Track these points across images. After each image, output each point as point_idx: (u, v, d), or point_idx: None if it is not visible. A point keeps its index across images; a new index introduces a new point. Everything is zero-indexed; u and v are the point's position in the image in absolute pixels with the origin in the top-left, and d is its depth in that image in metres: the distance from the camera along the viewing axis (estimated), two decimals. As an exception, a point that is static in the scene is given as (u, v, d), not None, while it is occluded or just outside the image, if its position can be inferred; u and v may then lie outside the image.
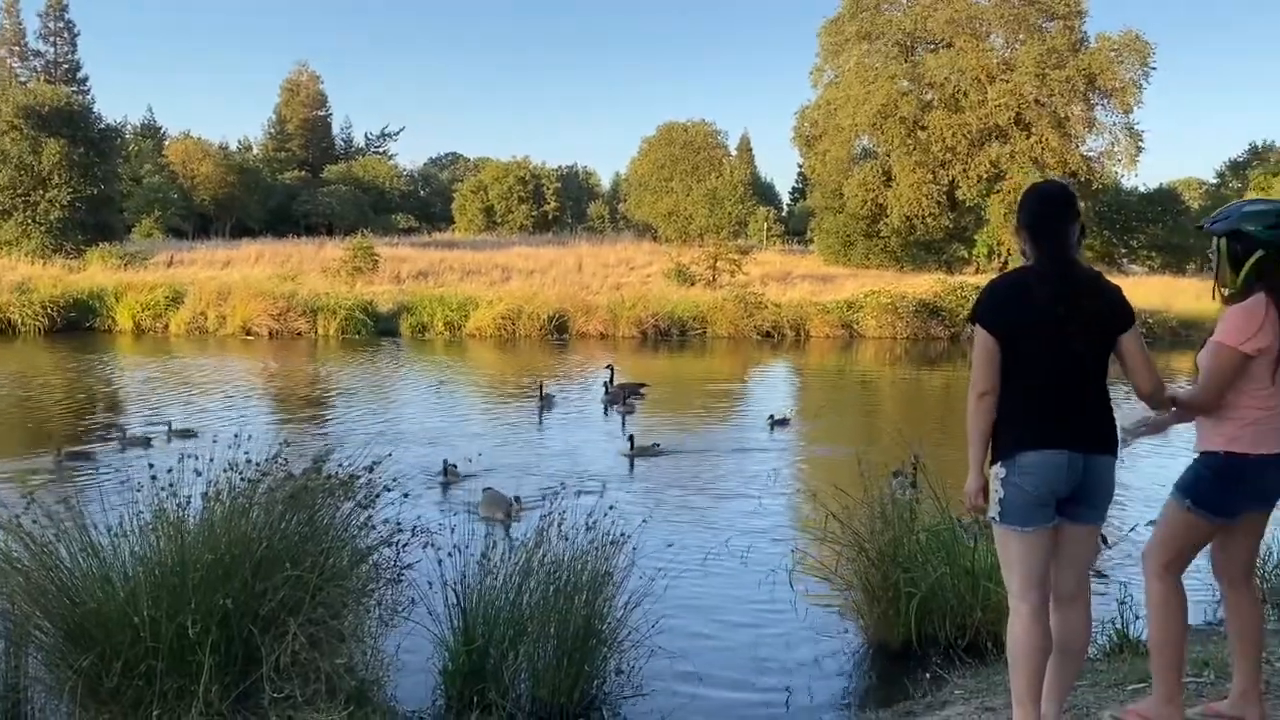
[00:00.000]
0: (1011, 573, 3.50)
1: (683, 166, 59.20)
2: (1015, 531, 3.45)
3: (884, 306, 29.13)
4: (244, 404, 15.39)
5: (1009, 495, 3.44)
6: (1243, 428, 3.47)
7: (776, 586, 6.74)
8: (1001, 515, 3.47)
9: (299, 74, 75.58)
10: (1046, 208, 3.59)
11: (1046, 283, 3.44)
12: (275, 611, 4.22)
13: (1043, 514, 3.44)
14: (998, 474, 3.47)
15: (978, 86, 43.51)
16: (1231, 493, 3.49)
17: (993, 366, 3.44)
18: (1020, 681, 3.44)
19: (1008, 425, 3.45)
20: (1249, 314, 3.47)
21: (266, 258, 39.35)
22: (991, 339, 3.44)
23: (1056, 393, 3.45)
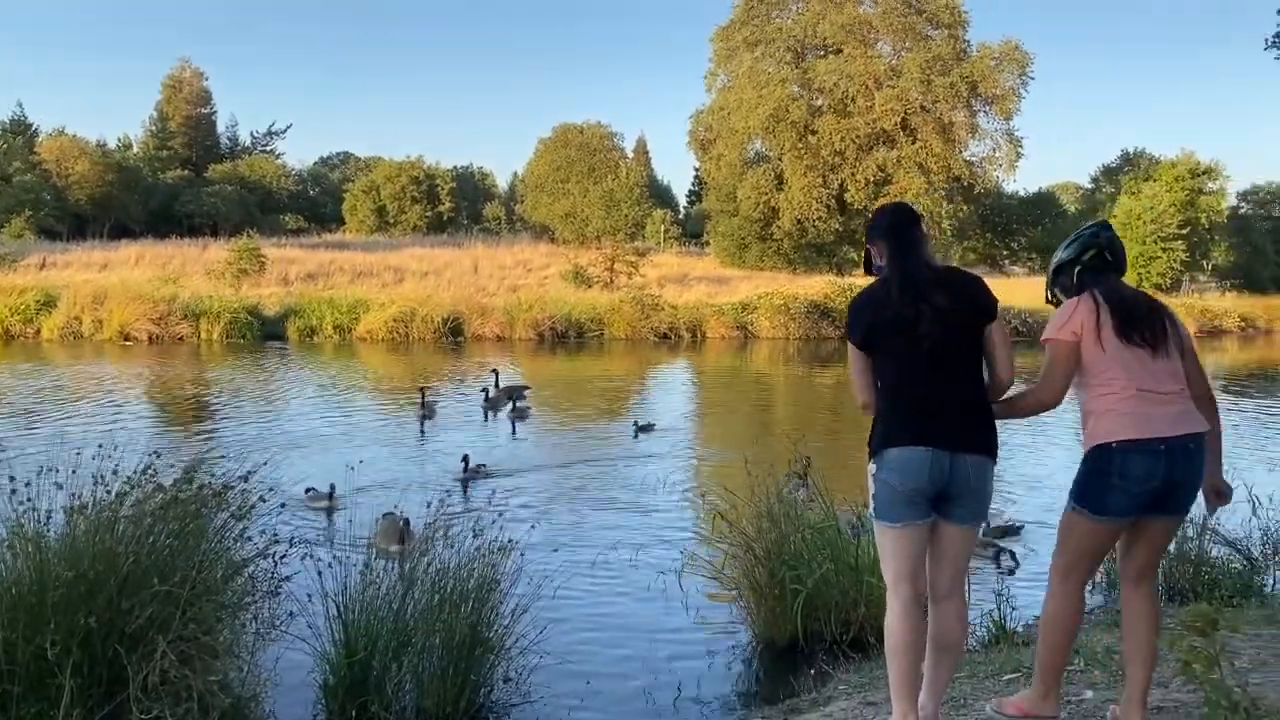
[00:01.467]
0: (885, 565, 3.61)
1: (579, 168, 59.15)
2: (886, 526, 3.56)
3: (777, 308, 29.64)
4: (117, 412, 14.75)
5: (879, 491, 3.57)
6: (1098, 420, 3.53)
7: (666, 588, 6.76)
8: (875, 510, 3.59)
9: (182, 70, 72.99)
10: (892, 220, 3.81)
11: (894, 285, 3.61)
12: (143, 629, 4.03)
13: (913, 510, 3.51)
14: (870, 470, 3.61)
15: (865, 92, 44.58)
16: (1104, 488, 3.47)
17: (865, 377, 3.64)
18: (895, 674, 3.51)
19: (877, 425, 3.61)
20: (1062, 309, 3.67)
21: (147, 260, 37.89)
22: (857, 351, 3.64)
23: (915, 391, 3.55)
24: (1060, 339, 3.58)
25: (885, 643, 3.57)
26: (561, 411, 16.16)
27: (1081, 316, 3.57)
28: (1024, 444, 13.37)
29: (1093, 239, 3.76)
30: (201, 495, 4.58)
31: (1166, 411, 3.46)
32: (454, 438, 12.98)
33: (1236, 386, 21.33)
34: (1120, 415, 3.46)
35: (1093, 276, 3.70)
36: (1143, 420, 3.44)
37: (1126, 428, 3.45)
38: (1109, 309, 3.55)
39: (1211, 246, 48.01)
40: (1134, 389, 3.47)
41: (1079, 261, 3.74)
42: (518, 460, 11.65)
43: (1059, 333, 3.59)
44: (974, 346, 3.61)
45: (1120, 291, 3.65)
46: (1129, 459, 3.42)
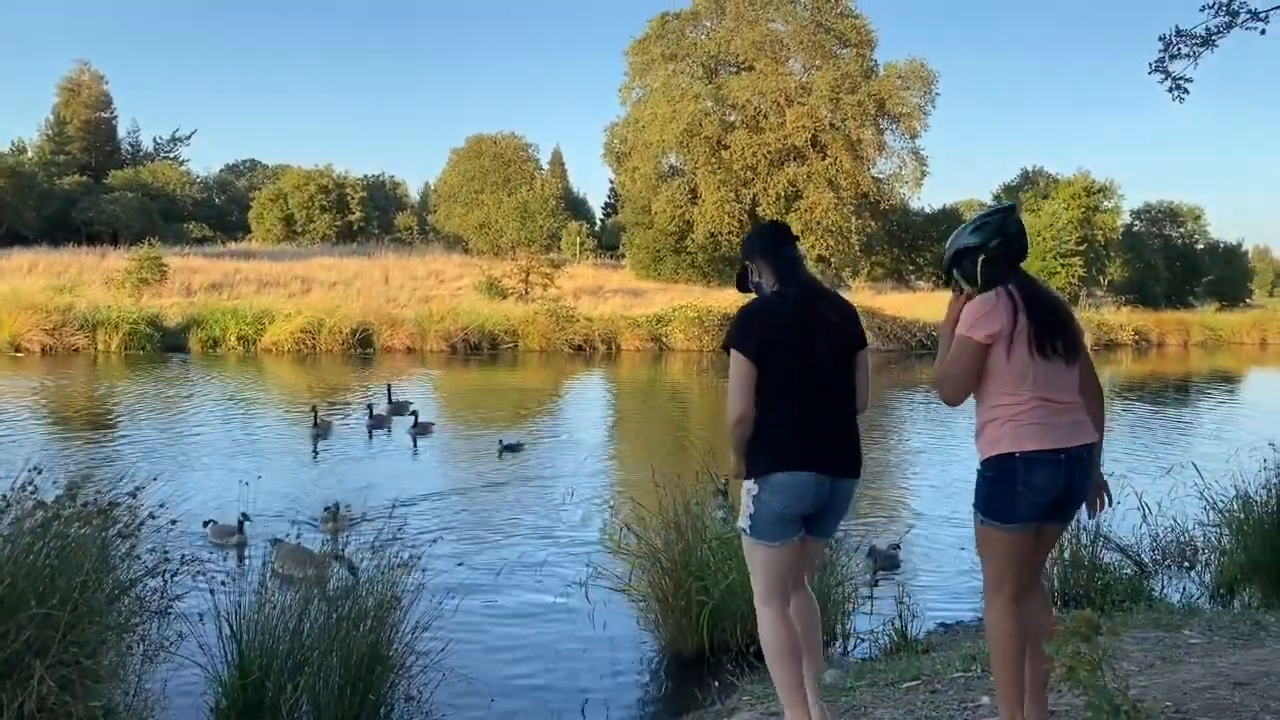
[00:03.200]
0: (757, 579, 3.68)
1: (493, 178, 58.75)
2: (764, 545, 3.61)
3: (691, 320, 29.87)
4: (4, 426, 14.12)
5: (760, 512, 3.58)
6: (1001, 428, 3.45)
7: (573, 601, 6.73)
8: (751, 529, 3.61)
9: (80, 73, 70.40)
10: (777, 237, 3.85)
11: (793, 300, 3.64)
12: (19, 654, 3.83)
13: (790, 530, 3.61)
14: (750, 490, 3.60)
15: (777, 109, 45.29)
16: (1008, 496, 3.43)
17: (749, 392, 3.54)
18: (786, 678, 3.61)
19: (763, 445, 3.57)
20: (979, 303, 3.49)
21: (41, 268, 36.38)
22: (747, 362, 3.54)
23: (804, 412, 3.58)
24: (974, 338, 3.43)
25: (767, 652, 3.67)
26: (468, 425, 15.94)
27: (1000, 319, 3.41)
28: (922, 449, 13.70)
29: (1002, 226, 3.58)
30: (85, 512, 4.39)
31: (1065, 421, 3.45)
32: (350, 456, 12.65)
33: (1130, 396, 22.17)
34: (1022, 425, 3.41)
35: (999, 269, 3.54)
36: (1044, 431, 3.41)
37: (1029, 438, 3.40)
38: (1028, 314, 3.42)
39: (1107, 262, 49.88)
40: (1037, 399, 3.42)
41: (984, 249, 3.55)
42: (418, 476, 11.44)
43: (973, 331, 3.43)
44: (850, 368, 3.69)
45: (1035, 291, 3.52)
46: (1033, 469, 3.39)
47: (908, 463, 13.62)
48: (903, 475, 12.73)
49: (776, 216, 44.37)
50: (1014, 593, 3.51)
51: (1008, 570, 3.50)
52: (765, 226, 3.97)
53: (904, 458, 14.09)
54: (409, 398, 16.10)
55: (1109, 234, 47.96)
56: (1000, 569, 3.51)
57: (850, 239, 44.69)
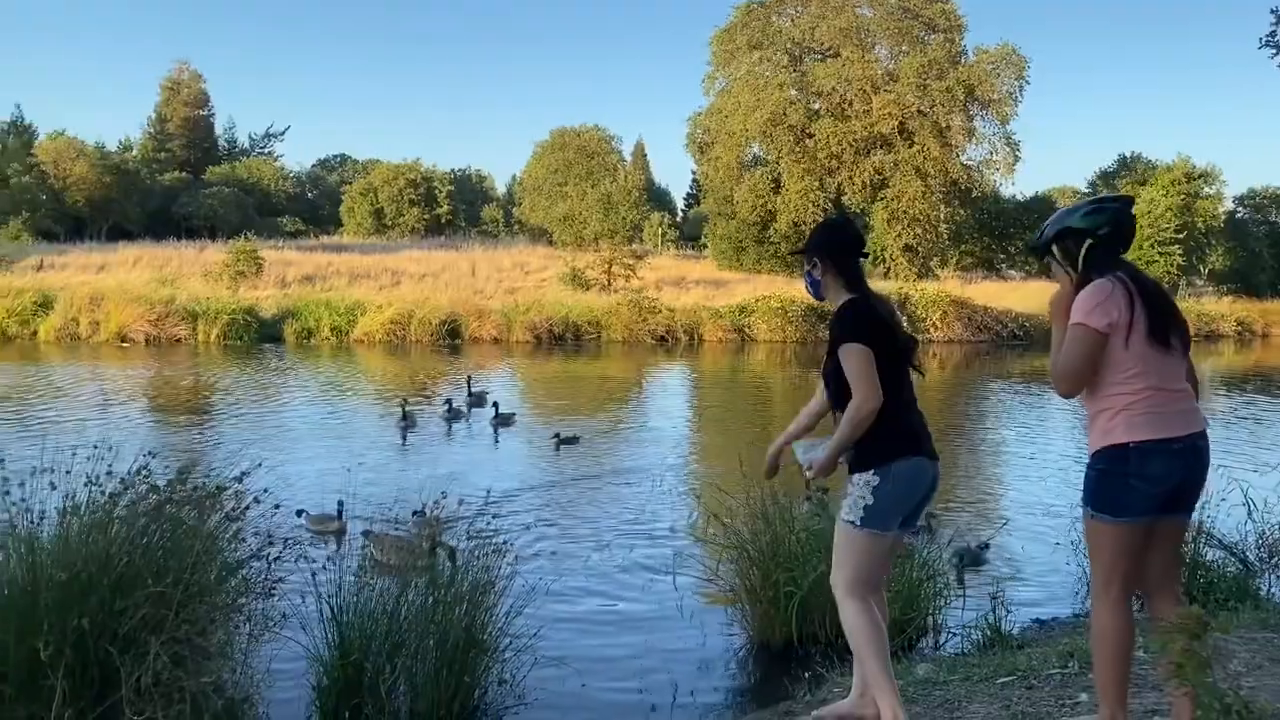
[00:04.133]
0: (846, 568, 3.73)
1: (577, 171, 59.14)
2: (871, 535, 3.67)
3: (774, 311, 29.66)
4: (114, 413, 14.73)
5: (879, 501, 3.64)
6: (1114, 418, 3.38)
7: (660, 589, 6.76)
8: (864, 519, 3.64)
9: (180, 72, 72.90)
10: (858, 244, 4.00)
11: (884, 304, 3.90)
12: (136, 630, 4.02)
13: (897, 520, 3.73)
14: (869, 482, 3.65)
15: (863, 96, 44.62)
16: (1121, 489, 3.36)
17: (877, 381, 3.64)
18: (876, 664, 3.69)
19: (882, 435, 3.65)
20: (1094, 292, 3.41)
21: (144, 262, 37.83)
22: (870, 353, 3.65)
23: (909, 403, 3.79)
24: (1093, 327, 3.36)
25: (860, 642, 3.72)
26: (549, 416, 16.03)
27: (1118, 307, 3.35)
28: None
29: (1117, 216, 3.52)
30: (195, 496, 4.58)
31: (1179, 410, 3.39)
32: (433, 448, 12.76)
33: (1233, 391, 21.36)
34: (1136, 415, 3.35)
35: (1104, 254, 3.48)
36: (1159, 420, 3.34)
37: (1144, 428, 3.33)
38: (1143, 302, 3.37)
39: (1208, 250, 48.06)
40: (1151, 388, 3.36)
41: (1093, 234, 3.50)
42: (499, 468, 11.52)
43: (1090, 319, 3.36)
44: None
45: (1144, 281, 3.46)
46: (1147, 459, 3.32)
47: (1002, 456, 13.37)
48: (996, 469, 12.50)
49: (862, 205, 43.89)
50: (1124, 592, 3.45)
51: (1116, 566, 3.43)
52: (844, 229, 4.09)
53: (998, 451, 13.83)
54: (490, 388, 16.30)
55: (1210, 221, 46.16)
56: (1109, 565, 3.44)
57: (938, 228, 43.84)
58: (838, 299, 3.87)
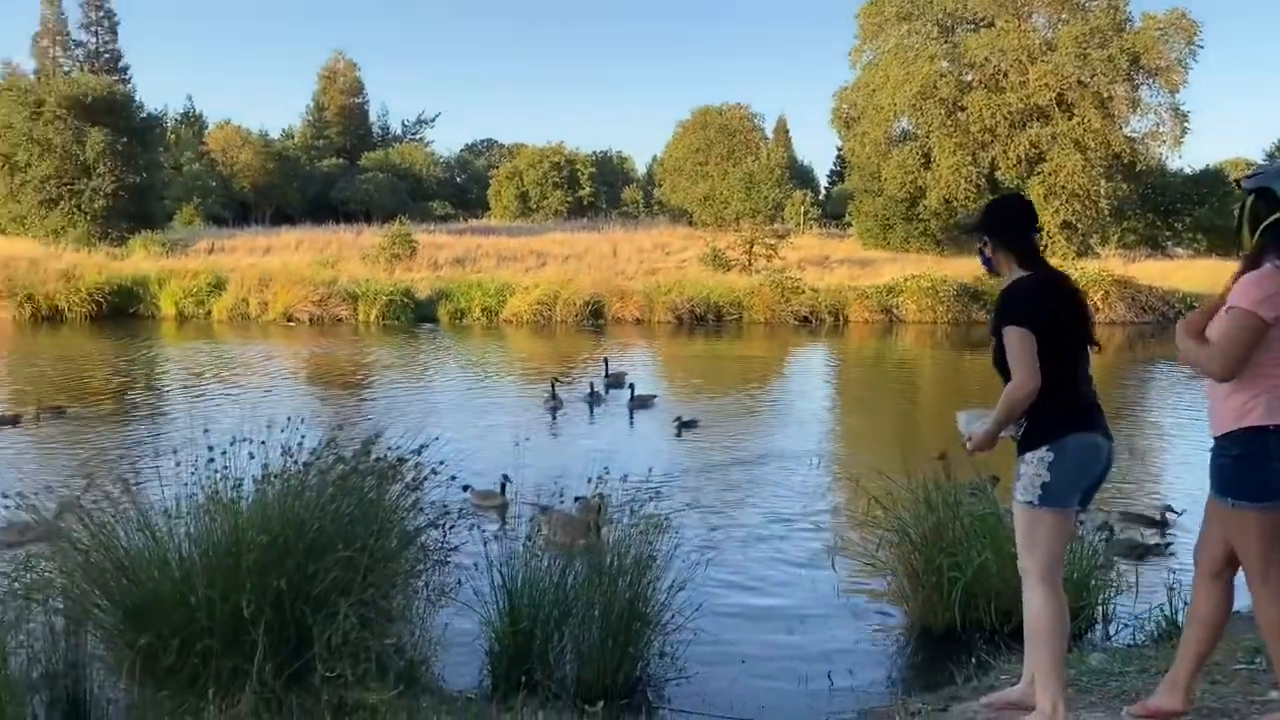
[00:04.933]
0: (1038, 552, 3.65)
1: (718, 150, 58.88)
2: (1054, 513, 3.60)
3: (924, 290, 28.90)
4: (288, 387, 15.60)
5: (1055, 478, 3.58)
6: (1253, 402, 3.28)
7: (817, 570, 6.74)
8: (1042, 498, 3.58)
9: (336, 61, 75.92)
10: (1031, 220, 3.89)
11: (1059, 284, 3.80)
12: (326, 592, 4.27)
13: (1075, 497, 3.67)
14: (1043, 459, 3.59)
15: (1018, 67, 42.86)
16: (1259, 471, 3.26)
17: (1036, 363, 3.57)
18: (1049, 658, 3.62)
19: (1047, 412, 3.60)
20: (1262, 279, 3.28)
21: (306, 245, 39.69)
22: (1031, 336, 3.57)
23: (1079, 381, 3.73)
24: (1258, 314, 3.24)
25: (1037, 630, 3.67)
26: (687, 397, 15.97)
27: None
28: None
29: None
30: (378, 468, 4.82)
31: None
32: (576, 428, 12.93)
33: None
34: (1276, 399, 3.27)
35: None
36: None
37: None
38: None
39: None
40: None
41: None
42: (641, 447, 11.57)
43: (1260, 309, 3.24)
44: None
45: None
46: None
47: (1171, 441, 12.76)
48: (1166, 455, 11.94)
49: (1017, 181, 42.21)
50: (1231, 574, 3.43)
51: (1269, 554, 3.30)
52: (1017, 202, 4.02)
53: (1166, 436, 13.21)
54: (630, 369, 16.40)
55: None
56: (1260, 554, 3.31)
57: (1099, 203, 41.75)
58: (1010, 277, 3.81)
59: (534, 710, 4.37)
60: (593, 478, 5.50)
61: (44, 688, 4.40)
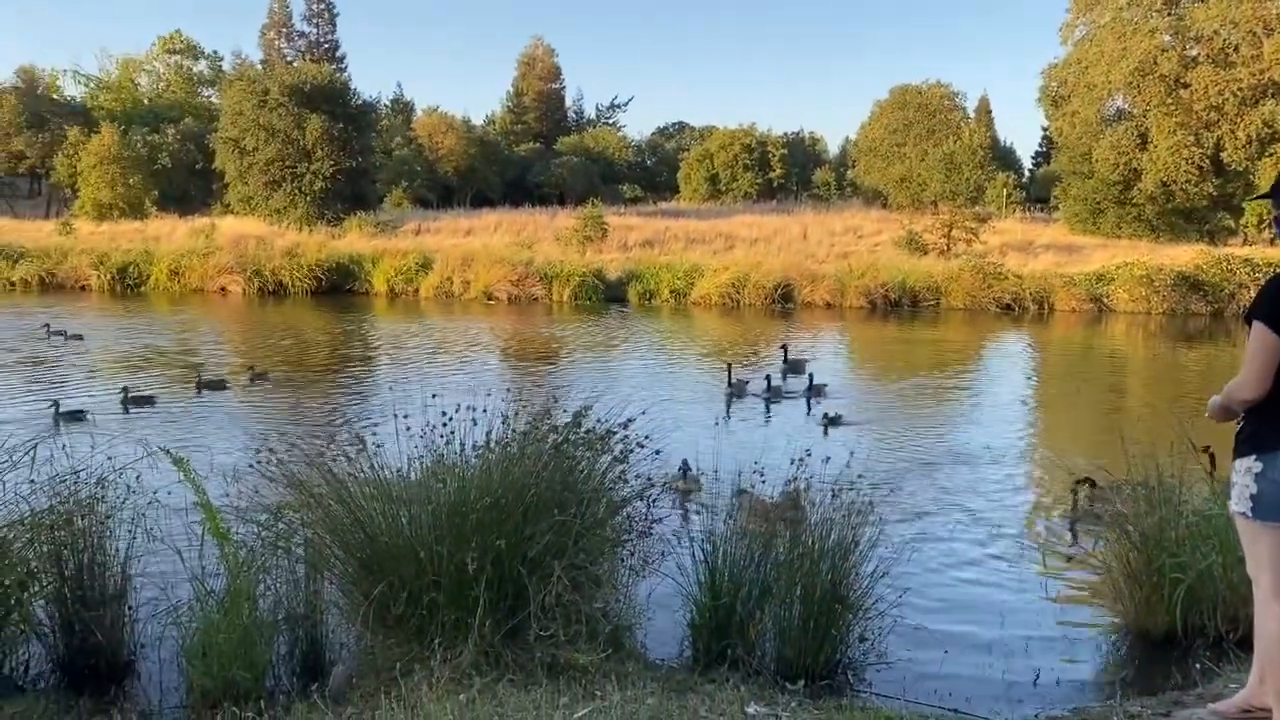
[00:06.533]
0: (1264, 570, 3.42)
1: (917, 130, 57.17)
2: (1271, 527, 3.35)
3: (1138, 279, 27.17)
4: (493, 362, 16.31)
5: (1264, 490, 3.34)
6: None
7: (1024, 564, 6.53)
8: (1254, 510, 3.36)
9: (534, 48, 78.16)
10: None
11: None
12: (541, 555, 4.49)
13: None
14: (1251, 468, 3.37)
15: (1252, 40, 39.53)
16: None
17: (1270, 368, 3.29)
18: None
19: (1274, 420, 3.31)
20: None
21: (504, 226, 41.16)
22: (1276, 338, 3.27)
23: None
24: None
25: (1273, 653, 3.48)
26: (869, 388, 15.58)
27: None
28: None
29: None
30: (589, 439, 5.00)
31: None
32: (758, 416, 12.60)
33: None
34: None
35: None
36: None
37: None
38: None
39: None
40: None
41: None
42: (834, 436, 11.40)
43: None
44: None
45: None
46: None
47: None
48: None
49: (1246, 163, 39.10)
50: None
51: None
52: None
53: None
54: (815, 355, 16.04)
55: None
56: None
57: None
58: None
59: (736, 684, 4.45)
60: (794, 459, 5.50)
61: (286, 629, 4.84)
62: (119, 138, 48.65)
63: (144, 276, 29.55)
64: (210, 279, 29.04)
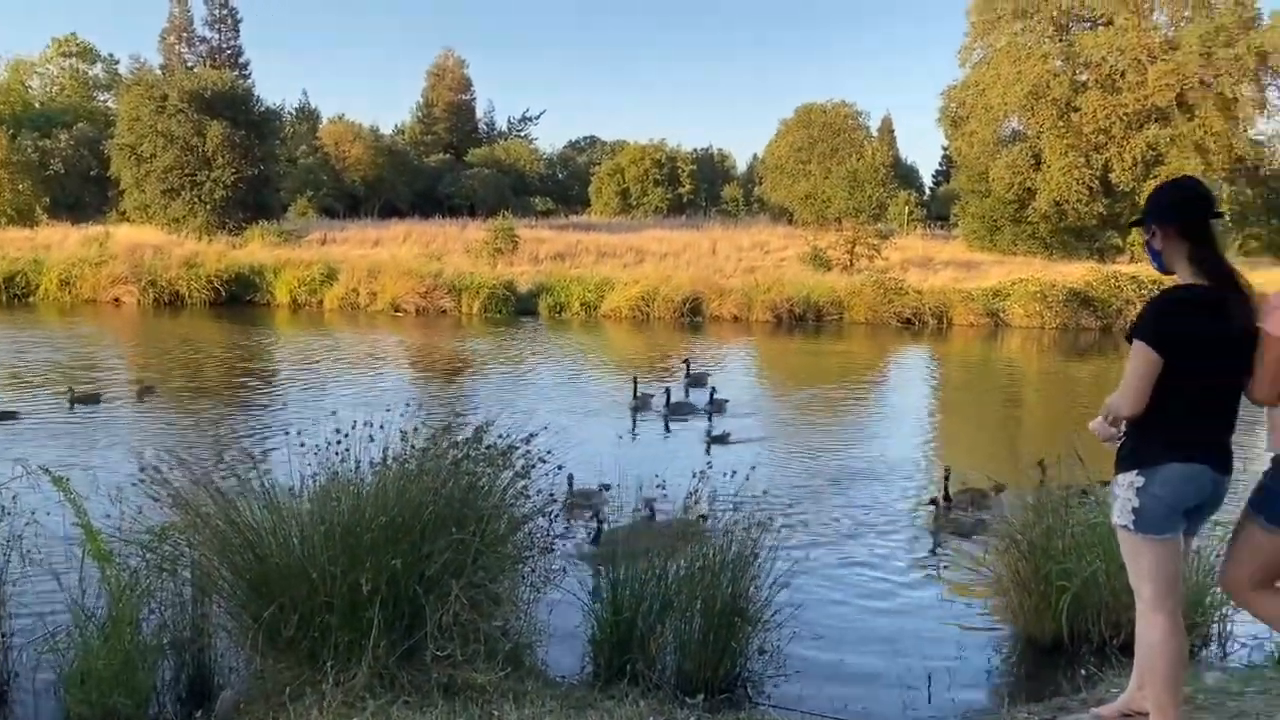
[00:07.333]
0: (1145, 581, 3.49)
1: (821, 148, 58.25)
2: (1153, 540, 3.42)
3: (1032, 295, 28.13)
4: (397, 375, 16.03)
5: (1145, 505, 3.41)
6: None
7: (921, 574, 6.67)
8: (1136, 524, 3.44)
9: (445, 59, 77.40)
10: (1205, 208, 3.48)
11: (1224, 308, 3.35)
12: (439, 573, 4.41)
13: (1177, 522, 3.44)
14: (1133, 483, 3.44)
15: (1137, 67, 41.38)
16: None
17: (1148, 386, 3.35)
18: (1164, 690, 3.47)
19: (1149, 434, 3.41)
20: None
21: (413, 237, 40.58)
22: (1155, 356, 3.32)
23: (1207, 411, 3.42)
24: None
25: (1147, 659, 3.54)
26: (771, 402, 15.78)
27: None
28: None
29: None
30: (490, 454, 4.94)
31: None
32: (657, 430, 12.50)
33: None
34: None
35: None
36: None
37: None
38: None
39: None
40: None
41: None
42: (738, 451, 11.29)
43: None
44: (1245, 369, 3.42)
45: None
46: None
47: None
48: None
49: (1132, 184, 40.79)
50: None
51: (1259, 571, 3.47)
52: (1189, 185, 3.59)
53: None
54: (719, 369, 16.10)
55: None
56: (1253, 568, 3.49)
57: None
58: (1180, 276, 3.46)
59: (635, 699, 4.44)
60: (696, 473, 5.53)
61: (172, 654, 4.67)
62: (7, 142, 46.61)
63: (32, 286, 28.32)
64: (103, 289, 27.96)
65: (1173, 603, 3.47)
